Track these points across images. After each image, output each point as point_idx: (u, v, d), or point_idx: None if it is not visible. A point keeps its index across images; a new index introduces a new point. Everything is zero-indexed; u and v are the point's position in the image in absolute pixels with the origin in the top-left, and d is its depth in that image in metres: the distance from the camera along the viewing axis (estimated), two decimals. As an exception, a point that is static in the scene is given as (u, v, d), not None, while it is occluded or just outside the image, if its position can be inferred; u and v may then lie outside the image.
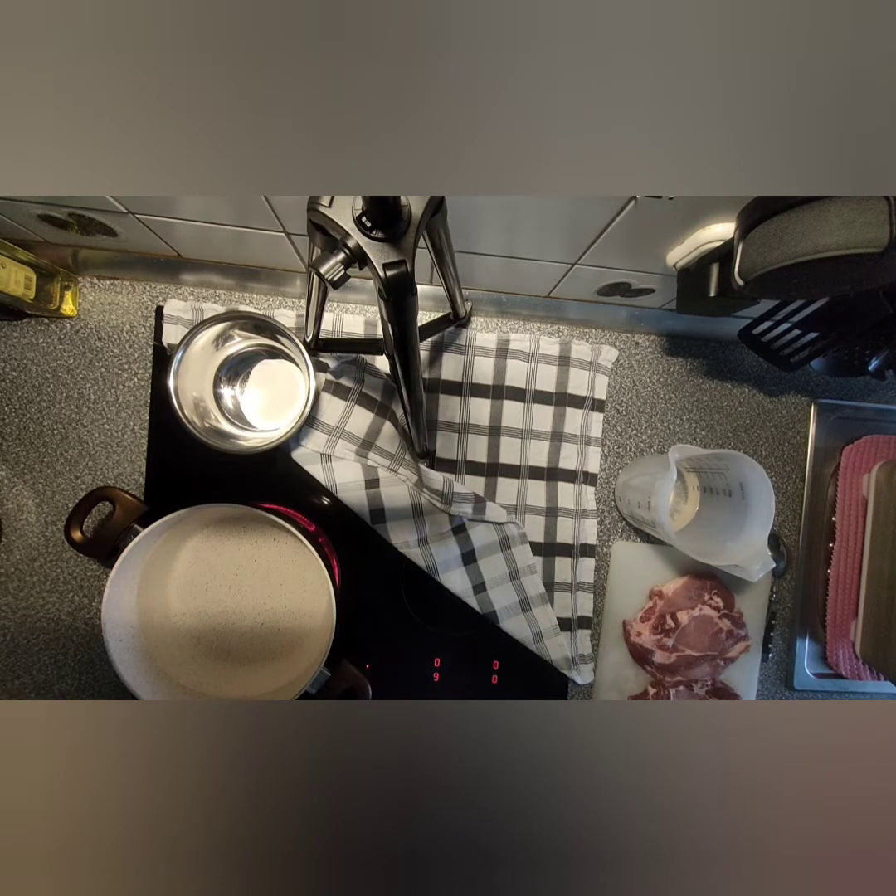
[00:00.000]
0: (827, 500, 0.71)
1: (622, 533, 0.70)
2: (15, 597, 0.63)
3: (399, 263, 0.32)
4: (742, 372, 0.71)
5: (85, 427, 0.63)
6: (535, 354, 0.66)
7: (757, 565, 0.58)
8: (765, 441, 0.72)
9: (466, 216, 0.45)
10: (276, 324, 0.56)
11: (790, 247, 0.34)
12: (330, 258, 0.32)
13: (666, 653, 0.66)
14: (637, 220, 0.43)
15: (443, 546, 0.64)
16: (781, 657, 0.72)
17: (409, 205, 0.32)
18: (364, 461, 0.64)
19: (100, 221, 0.51)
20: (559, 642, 0.65)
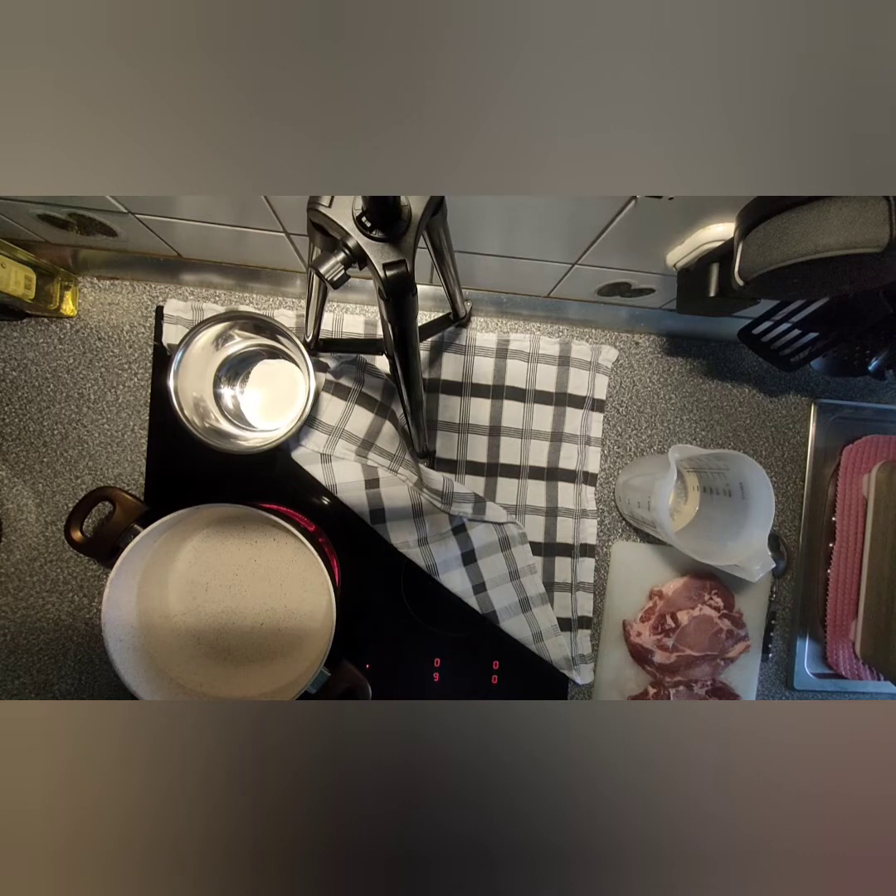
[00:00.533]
0: (827, 500, 0.70)
1: (622, 533, 0.70)
2: (15, 597, 0.63)
3: (399, 263, 0.32)
4: (742, 372, 0.71)
5: (85, 427, 0.63)
6: (535, 354, 0.66)
7: (757, 565, 0.58)
8: (765, 441, 0.72)
9: (466, 216, 0.45)
10: (276, 324, 0.56)
11: (790, 247, 0.34)
12: (330, 258, 0.32)
13: (666, 653, 0.66)
14: (637, 220, 0.43)
15: (443, 546, 0.64)
16: (781, 657, 0.72)
17: (409, 205, 0.32)
18: (364, 461, 0.64)
19: (100, 221, 0.51)
20: (559, 642, 0.65)
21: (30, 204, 0.49)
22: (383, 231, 0.32)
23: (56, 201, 0.48)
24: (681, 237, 0.45)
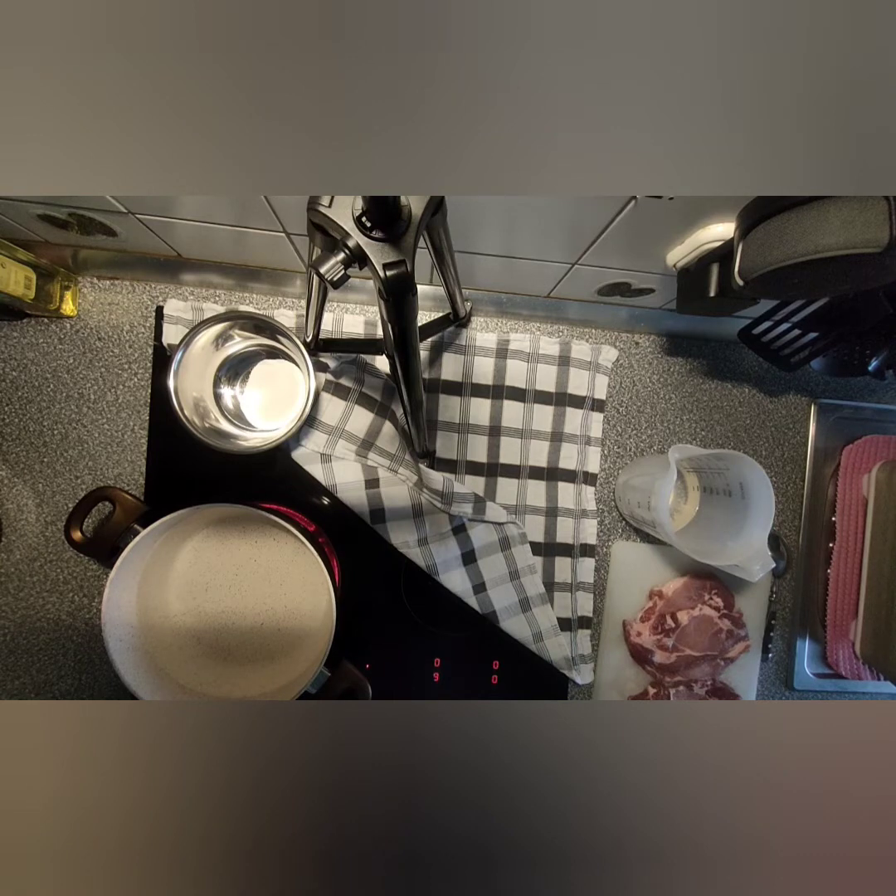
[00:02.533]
0: (827, 500, 0.70)
1: (622, 533, 0.70)
2: (15, 597, 0.63)
3: (399, 263, 0.32)
4: (742, 372, 0.71)
5: (85, 427, 0.63)
6: (535, 354, 0.66)
7: (757, 565, 0.58)
8: (765, 441, 0.72)
9: (466, 216, 0.45)
10: (276, 324, 0.56)
11: (790, 247, 0.34)
12: (330, 258, 0.32)
13: (666, 653, 0.66)
14: (637, 220, 0.43)
15: (443, 546, 0.64)
16: (781, 657, 0.72)
17: (409, 205, 0.32)
18: (364, 461, 0.64)
19: (100, 221, 0.51)
20: (559, 642, 0.65)
21: (30, 204, 0.49)
22: (383, 231, 0.32)
23: (56, 201, 0.48)
24: (681, 237, 0.45)
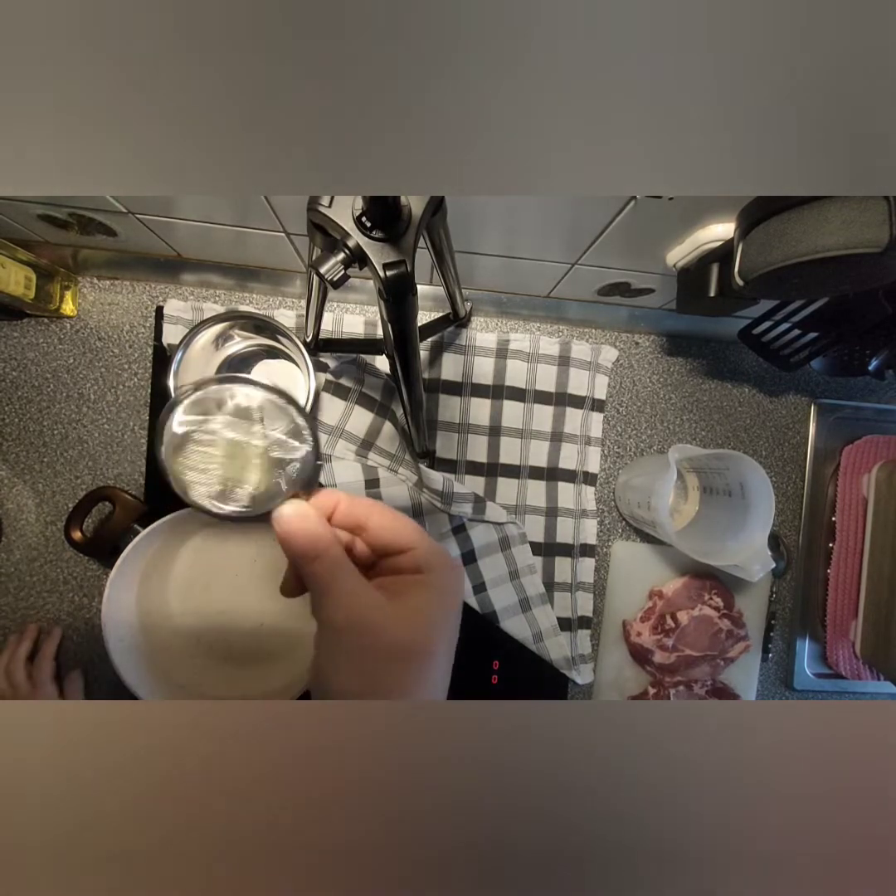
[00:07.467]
0: (827, 500, 0.71)
1: (622, 533, 0.70)
2: (15, 597, 0.63)
3: (399, 263, 0.32)
4: (742, 372, 0.71)
5: (85, 427, 0.63)
6: (535, 354, 0.66)
7: (757, 565, 0.58)
8: (765, 441, 0.72)
9: (466, 216, 0.45)
10: (276, 324, 0.56)
11: (790, 247, 0.34)
12: (330, 258, 0.32)
13: (666, 653, 0.66)
14: (637, 220, 0.43)
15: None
16: (781, 657, 0.72)
17: (409, 205, 0.32)
18: (364, 461, 0.64)
19: (100, 221, 0.51)
20: (559, 642, 0.65)
21: (30, 204, 0.49)
22: (383, 231, 0.32)
23: (56, 201, 0.48)
24: (681, 237, 0.45)
